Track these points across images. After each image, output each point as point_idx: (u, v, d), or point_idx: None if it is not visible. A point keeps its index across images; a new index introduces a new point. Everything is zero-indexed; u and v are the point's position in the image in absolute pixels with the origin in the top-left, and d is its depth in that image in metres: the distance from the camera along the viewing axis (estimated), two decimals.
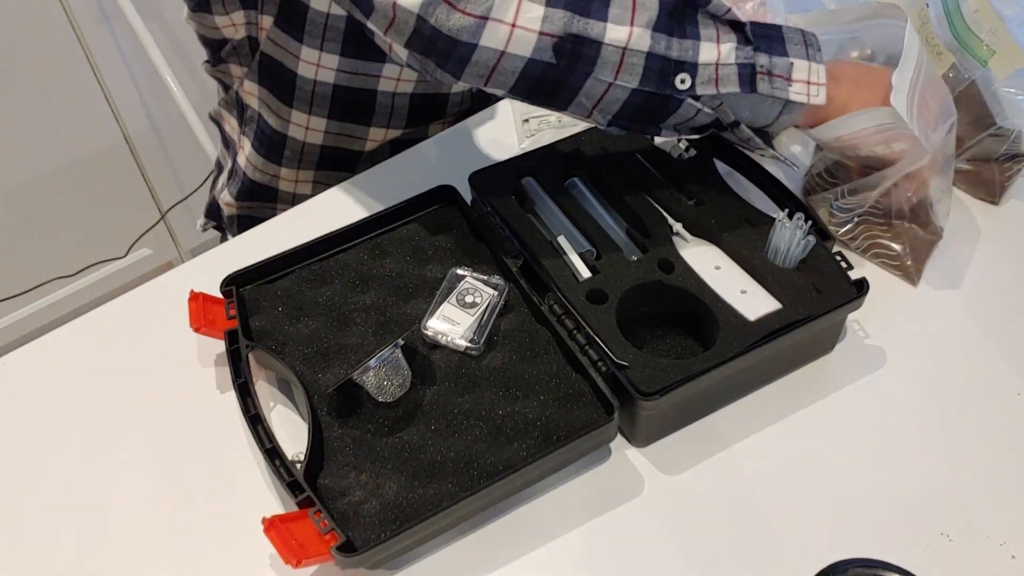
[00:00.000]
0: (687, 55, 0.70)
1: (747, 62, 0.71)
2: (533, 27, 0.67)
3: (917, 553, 0.66)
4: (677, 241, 0.80)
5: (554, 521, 0.69)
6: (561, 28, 0.67)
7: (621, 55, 0.68)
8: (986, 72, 0.85)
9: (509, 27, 0.66)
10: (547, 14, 0.67)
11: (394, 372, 0.72)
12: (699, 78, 0.70)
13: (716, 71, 0.70)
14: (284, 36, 0.91)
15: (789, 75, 0.72)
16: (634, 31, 0.68)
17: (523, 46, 0.67)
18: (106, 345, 0.83)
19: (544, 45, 0.67)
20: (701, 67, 0.70)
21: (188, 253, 2.07)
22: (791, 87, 0.72)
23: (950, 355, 0.79)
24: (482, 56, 0.68)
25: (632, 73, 0.69)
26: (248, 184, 1.07)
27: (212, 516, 0.71)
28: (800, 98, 0.72)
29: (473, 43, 0.67)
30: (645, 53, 0.68)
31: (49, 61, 1.67)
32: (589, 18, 0.67)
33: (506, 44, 0.67)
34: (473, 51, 0.67)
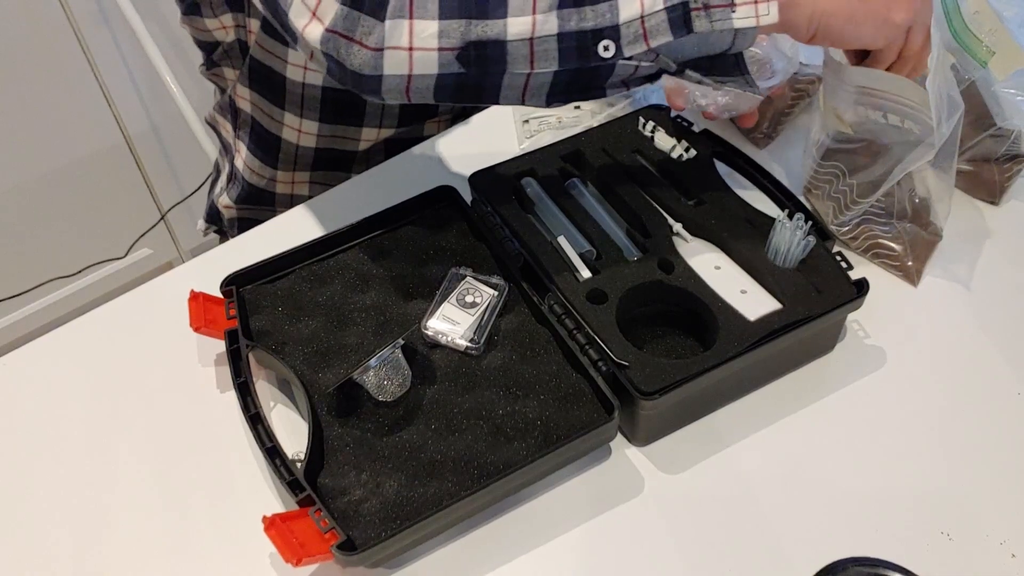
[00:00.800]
0: (604, 19, 0.65)
1: (678, 1, 0.65)
2: (431, 45, 0.64)
3: (917, 553, 0.66)
4: (677, 241, 0.80)
5: (554, 521, 0.69)
6: (459, 39, 0.64)
7: (530, 46, 0.64)
8: (986, 73, 0.85)
9: (407, 51, 0.65)
10: (442, 28, 0.64)
11: (394, 372, 0.72)
12: (624, 39, 0.65)
13: (642, 25, 0.65)
14: (271, 41, 0.91)
15: (731, 0, 0.65)
16: (537, 19, 0.64)
17: (427, 65, 0.65)
18: (106, 345, 0.83)
19: (447, 60, 0.65)
20: (624, 27, 0.65)
21: (188, 253, 2.07)
22: (735, 13, 0.65)
23: (950, 355, 0.79)
24: (391, 83, 0.66)
25: (548, 59, 0.65)
26: (247, 188, 1.07)
27: (212, 515, 0.71)
28: (747, 23, 0.65)
29: (377, 74, 0.66)
30: (555, 35, 0.64)
31: (49, 61, 1.67)
32: (487, 19, 0.64)
33: (409, 68, 0.65)
34: (380, 80, 0.66)
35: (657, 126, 0.89)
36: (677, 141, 0.88)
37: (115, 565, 0.69)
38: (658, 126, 0.89)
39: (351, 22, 0.64)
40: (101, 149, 1.83)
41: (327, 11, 0.65)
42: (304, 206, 0.95)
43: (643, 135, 0.89)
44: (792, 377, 0.78)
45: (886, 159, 0.82)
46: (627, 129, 0.89)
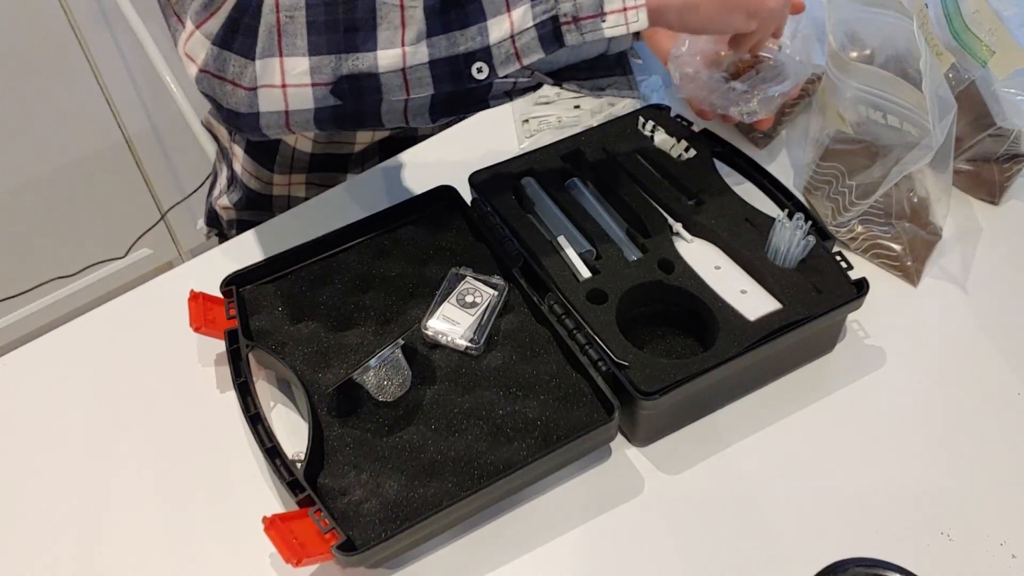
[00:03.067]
0: (474, 43, 0.65)
1: (547, 16, 0.64)
2: (303, 82, 0.65)
3: (917, 553, 0.66)
4: (677, 241, 0.80)
5: (554, 521, 0.69)
6: (331, 74, 0.64)
7: (402, 76, 0.65)
8: (986, 72, 0.85)
9: (280, 88, 0.65)
10: (313, 65, 0.64)
11: (394, 372, 0.72)
12: (496, 60, 0.65)
13: (513, 44, 0.65)
14: None
15: (600, 9, 0.64)
16: (407, 50, 0.64)
17: (302, 101, 0.65)
18: (106, 345, 0.83)
19: (322, 94, 0.65)
20: (495, 48, 0.65)
21: (188, 253, 2.07)
22: (604, 23, 0.64)
23: (950, 355, 0.79)
24: (268, 120, 0.67)
25: (422, 84, 0.66)
26: (247, 193, 1.07)
27: (212, 515, 0.71)
28: (617, 31, 0.65)
29: (254, 112, 0.66)
30: (427, 64, 0.65)
31: (49, 61, 1.67)
32: (357, 52, 0.64)
33: (285, 104, 0.66)
34: (257, 118, 0.66)
35: (657, 126, 0.89)
36: (677, 141, 0.88)
37: (115, 565, 0.69)
38: (658, 126, 0.89)
39: (222, 62, 0.64)
40: (101, 149, 1.83)
41: (198, 51, 0.65)
42: (303, 206, 0.95)
43: (643, 135, 0.89)
44: (792, 377, 0.78)
45: (885, 160, 0.82)
46: (627, 129, 0.89)
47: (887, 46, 0.84)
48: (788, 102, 0.97)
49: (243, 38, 0.64)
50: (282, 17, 0.63)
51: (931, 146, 0.75)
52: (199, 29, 0.64)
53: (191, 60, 0.66)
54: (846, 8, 0.84)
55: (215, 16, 0.64)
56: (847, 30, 0.86)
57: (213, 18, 0.64)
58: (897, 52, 0.82)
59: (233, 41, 0.64)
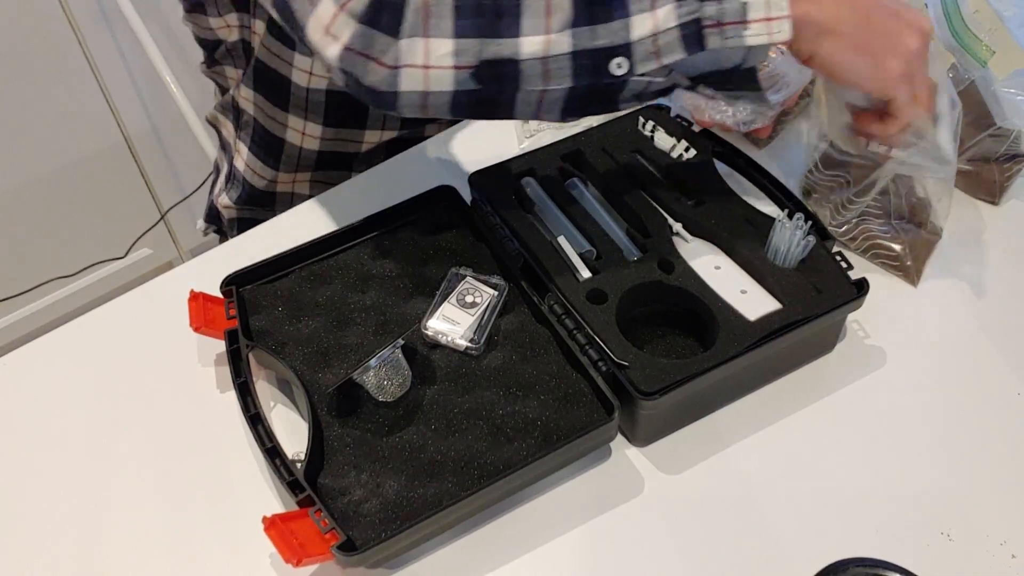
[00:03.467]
0: (617, 38, 0.65)
1: (691, 18, 0.64)
2: (446, 64, 0.65)
3: (917, 553, 0.66)
4: (677, 241, 0.80)
5: (554, 521, 0.69)
6: (474, 58, 0.65)
7: (543, 65, 0.65)
8: (986, 72, 0.85)
9: (423, 69, 0.65)
10: (457, 47, 0.64)
11: (394, 372, 0.72)
12: (636, 57, 0.65)
13: (655, 43, 0.65)
14: (278, 44, 0.91)
15: (744, 17, 0.64)
16: (552, 38, 0.64)
17: (443, 83, 0.66)
18: (106, 345, 0.83)
19: (463, 77, 0.65)
20: (636, 44, 0.65)
21: (188, 253, 2.07)
22: (747, 31, 0.65)
23: (950, 355, 0.79)
24: (407, 100, 0.67)
25: (561, 76, 0.66)
26: (249, 190, 1.07)
27: (212, 516, 0.71)
28: (759, 40, 0.65)
29: (393, 91, 0.66)
30: (569, 55, 0.65)
31: (49, 61, 1.67)
32: (501, 38, 0.64)
33: (425, 85, 0.66)
34: (396, 97, 0.67)
35: (657, 126, 0.89)
36: (677, 141, 0.88)
37: (115, 565, 0.69)
38: (658, 126, 0.89)
39: (367, 40, 0.65)
40: (101, 149, 1.83)
41: (343, 30, 0.65)
42: (304, 206, 0.95)
43: (643, 135, 0.89)
44: (792, 377, 0.78)
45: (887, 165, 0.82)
46: (627, 129, 0.89)
47: None
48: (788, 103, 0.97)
49: (389, 17, 0.64)
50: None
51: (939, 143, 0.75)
52: (343, 9, 0.65)
53: (333, 39, 0.65)
54: None
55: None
56: None
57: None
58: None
59: (379, 20, 0.64)
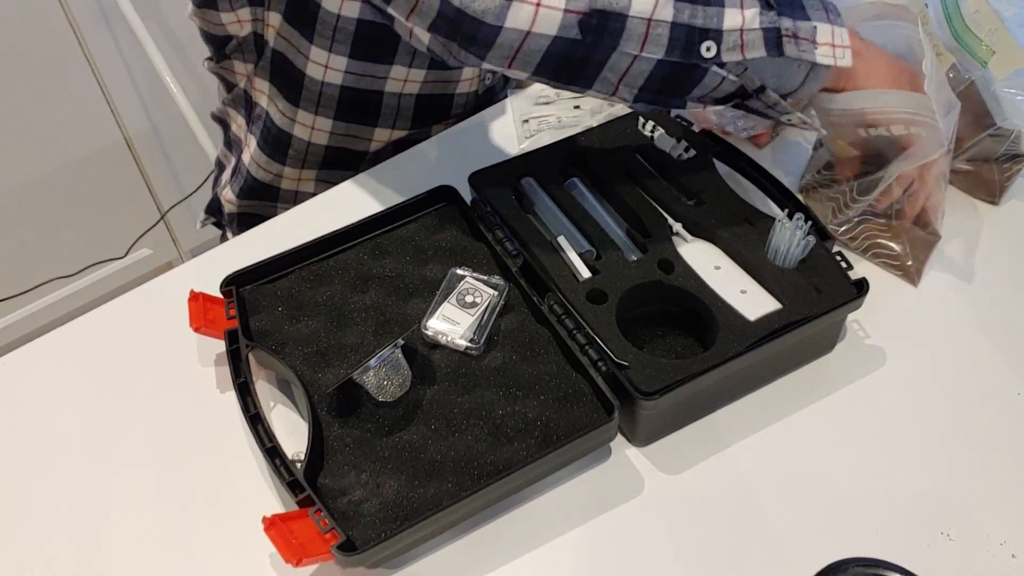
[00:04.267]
0: (712, 22, 0.69)
1: (772, 26, 0.70)
2: (558, 5, 0.66)
3: (917, 553, 0.66)
4: (677, 241, 0.80)
5: (554, 521, 0.69)
6: (586, 4, 0.67)
7: (647, 26, 0.68)
8: (986, 72, 0.85)
9: (534, 7, 0.66)
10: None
11: (394, 372, 0.72)
12: (724, 44, 0.70)
13: (741, 37, 0.70)
14: (296, 35, 0.91)
15: (814, 38, 0.71)
16: (659, 1, 0.68)
17: (549, 25, 0.67)
18: (106, 345, 0.83)
19: (570, 22, 0.67)
20: (726, 33, 0.69)
21: (188, 253, 2.07)
22: (817, 49, 0.71)
23: (950, 355, 0.79)
24: (507, 37, 0.68)
25: (658, 44, 0.69)
26: (251, 182, 1.07)
27: (212, 516, 0.71)
28: (827, 60, 0.72)
29: (498, 25, 0.67)
30: (670, 23, 0.68)
31: (49, 61, 1.67)
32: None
33: (531, 24, 0.67)
34: (499, 32, 0.67)
35: (657, 126, 0.89)
36: (677, 141, 0.88)
37: (115, 565, 0.69)
38: (658, 126, 0.89)
39: None
40: (101, 149, 1.83)
41: None
42: (305, 205, 0.95)
43: (643, 135, 0.89)
44: (792, 377, 0.78)
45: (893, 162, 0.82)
46: (627, 129, 0.89)
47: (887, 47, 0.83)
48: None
49: None
50: None
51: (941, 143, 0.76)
52: None
53: None
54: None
55: None
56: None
57: None
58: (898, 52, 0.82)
59: None
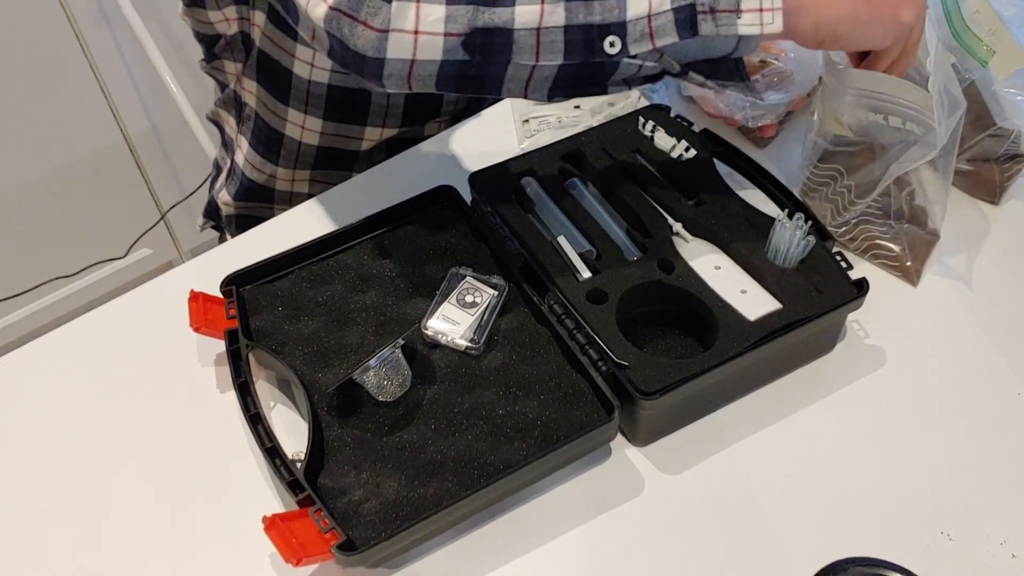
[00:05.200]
0: (611, 15, 0.64)
1: (685, 3, 0.65)
2: (437, 30, 0.64)
3: (917, 553, 0.66)
4: (677, 241, 0.80)
5: (554, 521, 0.69)
6: (466, 25, 0.64)
7: (536, 36, 0.64)
8: (986, 72, 0.85)
9: (412, 35, 0.64)
10: (449, 13, 0.64)
11: (394, 372, 0.72)
12: (630, 37, 0.65)
13: (649, 24, 0.65)
14: (280, 34, 0.91)
15: (737, 6, 0.65)
16: (545, 8, 0.64)
17: (432, 51, 0.65)
18: (106, 345, 0.83)
19: (453, 45, 0.64)
20: (631, 24, 0.65)
21: (188, 253, 2.07)
22: (740, 19, 0.65)
23: (950, 355, 0.79)
24: (393, 68, 0.66)
25: (553, 51, 0.65)
26: (246, 184, 1.07)
27: (212, 515, 0.71)
28: (751, 30, 0.65)
29: (380, 57, 0.65)
30: (562, 28, 0.64)
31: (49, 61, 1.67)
32: (495, 5, 0.64)
33: (414, 52, 0.65)
34: (383, 64, 0.65)
35: (657, 126, 0.89)
36: (677, 141, 0.88)
37: (115, 565, 0.69)
38: (658, 126, 0.89)
39: (356, 1, 0.64)
40: (101, 149, 1.83)
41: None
42: (304, 205, 0.95)
43: (643, 135, 0.89)
44: (792, 377, 0.78)
45: (885, 160, 0.82)
46: (627, 129, 0.89)
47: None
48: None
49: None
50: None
51: (934, 143, 0.75)
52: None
53: None
54: None
55: None
56: None
57: None
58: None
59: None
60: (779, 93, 0.85)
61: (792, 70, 0.86)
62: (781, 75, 0.86)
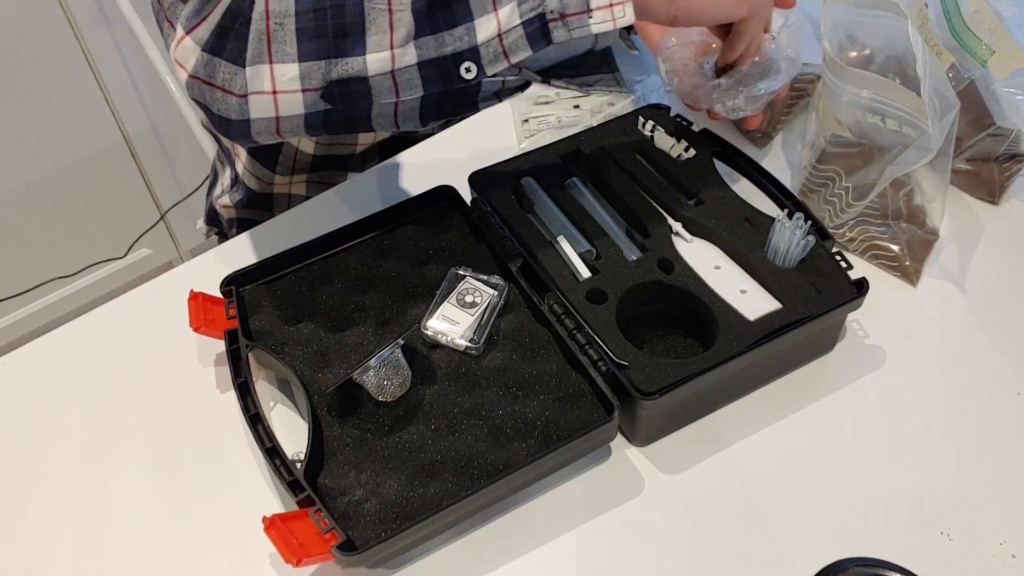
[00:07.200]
0: (462, 43, 0.66)
1: (534, 14, 0.65)
2: (294, 88, 0.65)
3: (917, 553, 0.66)
4: (677, 241, 0.80)
5: (554, 521, 0.69)
6: (321, 80, 0.65)
7: (392, 78, 0.66)
8: (985, 72, 0.85)
9: (271, 95, 0.66)
10: (303, 71, 0.65)
11: (394, 372, 0.72)
12: (484, 59, 0.66)
13: (501, 43, 0.66)
14: None
15: (587, 6, 0.65)
16: (395, 52, 0.65)
17: (293, 107, 0.66)
18: (106, 345, 0.83)
19: (312, 99, 0.66)
20: (483, 48, 0.66)
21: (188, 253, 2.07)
22: (591, 19, 0.65)
23: (950, 355, 0.79)
24: (260, 126, 0.68)
25: (411, 86, 0.67)
26: (249, 194, 1.07)
27: (212, 516, 0.71)
28: (604, 27, 0.66)
29: (244, 119, 0.67)
30: (415, 65, 0.66)
31: (49, 61, 1.67)
32: (347, 57, 0.65)
33: (276, 111, 0.66)
34: (249, 124, 0.67)
35: (657, 126, 0.89)
36: (677, 141, 0.88)
37: (115, 565, 0.69)
38: (658, 126, 0.89)
39: (212, 68, 0.65)
40: (101, 149, 1.83)
41: (188, 57, 0.65)
42: (303, 206, 0.95)
43: (643, 135, 0.89)
44: (792, 377, 0.78)
45: (883, 162, 0.82)
46: (627, 129, 0.89)
47: (887, 46, 0.84)
48: (787, 101, 0.97)
49: (233, 44, 0.64)
50: (271, 24, 0.64)
51: (929, 147, 0.75)
52: (189, 35, 0.65)
53: (181, 66, 0.66)
54: (842, 11, 0.84)
55: (205, 22, 0.65)
56: (845, 32, 0.85)
57: (203, 24, 0.65)
58: (897, 52, 0.82)
59: (223, 48, 0.64)
60: (760, 82, 0.84)
61: (772, 59, 0.85)
62: (760, 65, 0.85)
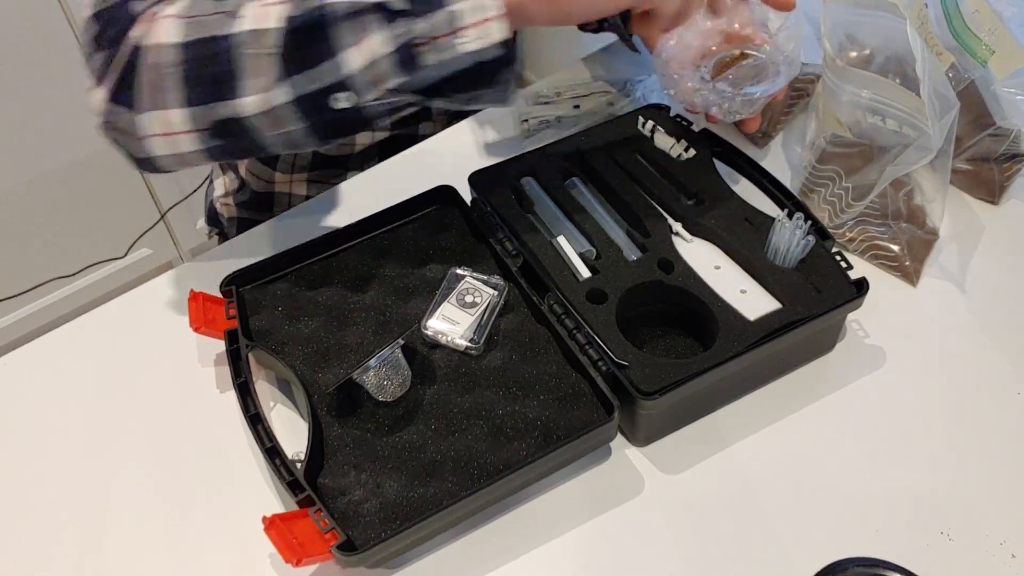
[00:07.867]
0: (331, 77, 0.66)
1: (402, 41, 0.64)
2: (184, 128, 0.70)
3: (917, 553, 0.66)
4: (677, 241, 0.80)
5: (554, 521, 0.69)
6: (207, 121, 0.69)
7: (270, 115, 0.68)
8: (985, 72, 0.85)
9: (164, 137, 0.70)
10: (189, 115, 0.69)
11: (394, 372, 0.72)
12: (358, 88, 0.67)
13: (371, 72, 0.66)
14: None
15: (452, 28, 0.63)
16: (270, 94, 0.67)
17: (189, 144, 0.71)
18: (106, 345, 0.83)
19: (205, 137, 0.70)
20: (353, 79, 0.66)
21: (188, 253, 2.07)
22: (459, 39, 0.64)
23: (950, 355, 0.79)
24: (164, 162, 0.73)
25: (293, 120, 0.69)
26: (252, 196, 1.08)
27: (212, 516, 0.71)
28: (475, 45, 0.64)
29: (149, 156, 0.72)
30: (291, 102, 0.67)
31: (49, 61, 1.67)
32: (224, 100, 0.68)
33: (175, 148, 0.71)
34: (154, 160, 0.73)
35: (657, 126, 0.89)
36: (677, 141, 0.88)
37: (115, 565, 0.69)
38: (658, 126, 0.89)
39: (116, 115, 0.71)
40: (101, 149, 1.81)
41: (99, 104, 0.71)
42: (303, 206, 0.95)
43: (643, 135, 0.89)
44: (792, 377, 0.78)
45: (883, 162, 0.82)
46: (627, 129, 0.89)
47: (887, 46, 0.84)
48: (787, 101, 0.97)
49: (128, 93, 0.69)
50: (159, 75, 0.68)
51: (929, 147, 0.75)
52: (99, 85, 0.71)
53: (95, 112, 0.72)
54: (842, 11, 0.84)
55: (108, 75, 0.70)
56: (845, 32, 0.85)
57: (108, 75, 0.70)
58: (897, 52, 0.82)
59: (122, 96, 0.70)
60: (756, 86, 0.84)
61: (770, 61, 0.84)
62: (756, 68, 0.84)
